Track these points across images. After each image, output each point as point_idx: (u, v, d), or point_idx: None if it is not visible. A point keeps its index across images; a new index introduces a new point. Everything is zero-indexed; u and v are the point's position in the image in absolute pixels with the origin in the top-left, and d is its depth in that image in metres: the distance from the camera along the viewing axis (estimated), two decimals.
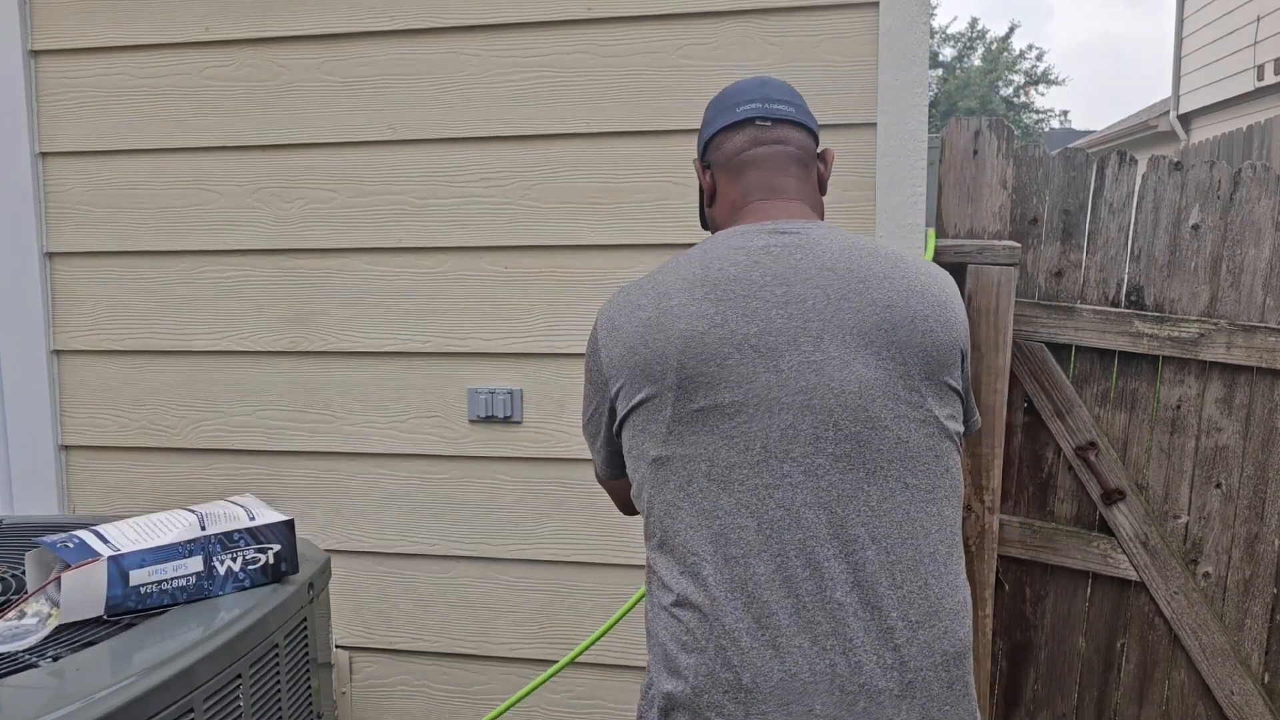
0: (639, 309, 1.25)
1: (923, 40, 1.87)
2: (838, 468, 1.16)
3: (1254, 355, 2.05)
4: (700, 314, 1.20)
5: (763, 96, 1.36)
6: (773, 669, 1.13)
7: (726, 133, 1.36)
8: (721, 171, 1.37)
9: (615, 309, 1.28)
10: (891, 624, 1.14)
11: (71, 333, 2.27)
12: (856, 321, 1.19)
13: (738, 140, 1.35)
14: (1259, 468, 2.09)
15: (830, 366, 1.17)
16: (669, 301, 1.23)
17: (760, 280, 1.21)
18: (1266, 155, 4.82)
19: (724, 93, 1.40)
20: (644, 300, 1.25)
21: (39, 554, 1.38)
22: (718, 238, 1.28)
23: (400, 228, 2.11)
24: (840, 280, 1.21)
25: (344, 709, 2.25)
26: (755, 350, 1.18)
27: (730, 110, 1.36)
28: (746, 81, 1.39)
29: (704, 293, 1.22)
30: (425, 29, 2.05)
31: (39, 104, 2.22)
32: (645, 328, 1.23)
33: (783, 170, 1.34)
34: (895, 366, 1.19)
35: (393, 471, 2.18)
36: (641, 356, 1.22)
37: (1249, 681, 2.11)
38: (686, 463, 1.19)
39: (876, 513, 1.16)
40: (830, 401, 1.17)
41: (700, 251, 1.27)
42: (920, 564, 1.17)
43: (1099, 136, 12.54)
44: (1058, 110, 31.39)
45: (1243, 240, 2.06)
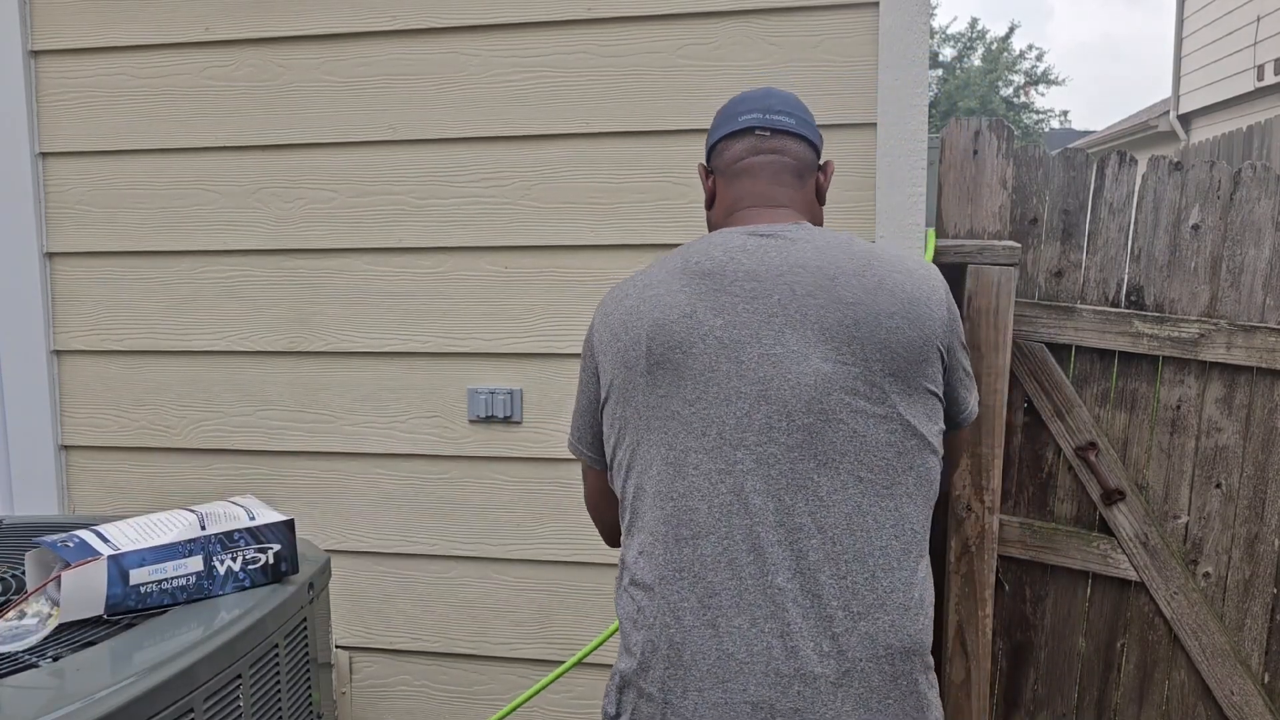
0: (625, 298, 1.33)
1: (923, 40, 1.87)
2: (789, 457, 1.19)
3: (1254, 355, 2.05)
4: (673, 304, 1.27)
5: (764, 107, 1.40)
6: (710, 647, 1.17)
7: (728, 140, 1.41)
8: (721, 177, 1.42)
9: (609, 298, 1.37)
10: (831, 613, 1.17)
11: (71, 333, 2.27)
12: (819, 317, 1.22)
13: (737, 148, 1.40)
14: (1259, 468, 2.09)
15: (789, 359, 1.21)
16: (649, 291, 1.30)
17: (733, 275, 1.26)
18: (1266, 155, 4.82)
19: (731, 101, 1.45)
20: (630, 290, 1.33)
21: (39, 554, 1.38)
22: (704, 239, 1.34)
23: (400, 228, 2.11)
24: (809, 277, 1.25)
25: (344, 709, 2.25)
26: (719, 342, 1.23)
27: (733, 119, 1.41)
28: (753, 91, 1.44)
29: (680, 284, 1.28)
30: (425, 29, 2.05)
31: (39, 104, 2.22)
32: (627, 314, 1.30)
33: (776, 179, 1.38)
34: (856, 362, 1.21)
35: (392, 471, 2.18)
36: (622, 342, 1.29)
37: (1249, 681, 2.11)
38: (651, 447, 1.25)
39: (825, 503, 1.19)
40: (785, 393, 1.21)
41: (685, 247, 1.34)
42: (868, 556, 1.19)
43: (1099, 136, 12.54)
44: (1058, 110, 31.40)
45: (1243, 240, 2.06)
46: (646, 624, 1.22)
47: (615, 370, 1.30)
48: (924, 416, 1.24)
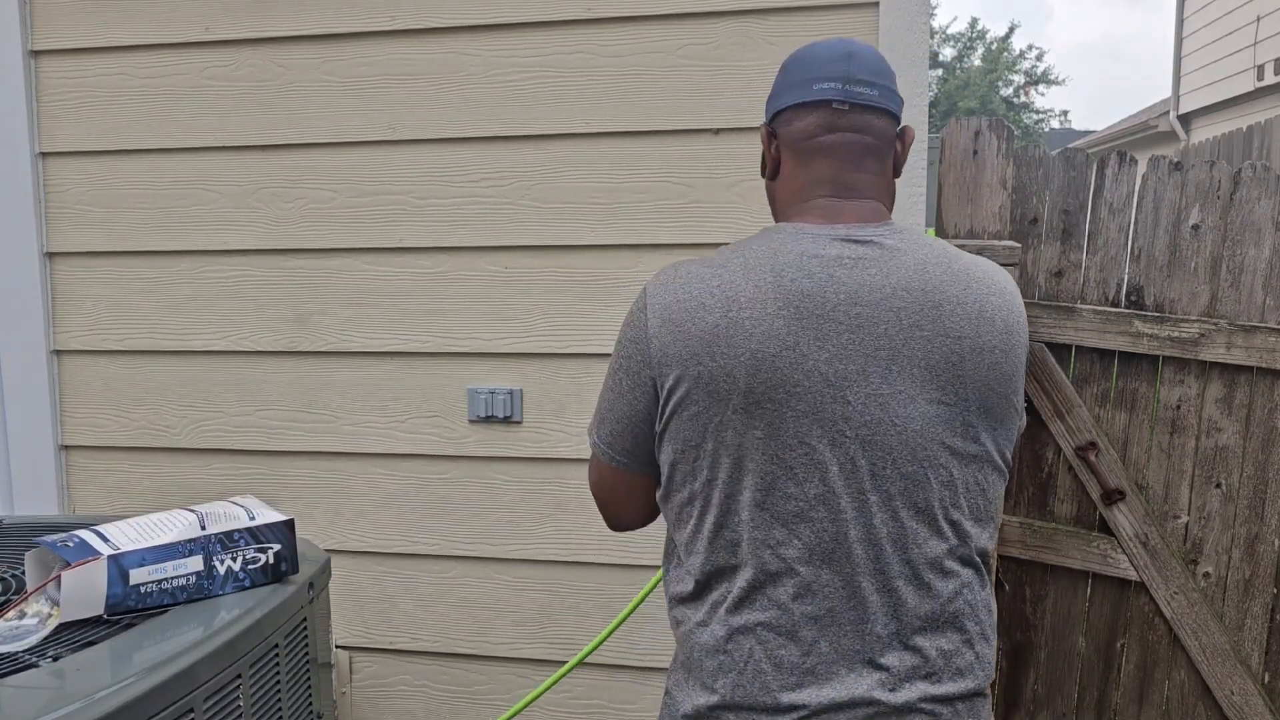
0: (704, 311, 1.16)
1: (923, 40, 1.87)
2: (890, 506, 1.15)
3: (1254, 355, 2.05)
4: (773, 333, 1.14)
5: (844, 75, 1.21)
6: (811, 696, 1.15)
7: (798, 110, 1.23)
8: (789, 150, 1.25)
9: (673, 299, 1.18)
10: (930, 658, 1.17)
11: (71, 333, 2.27)
12: (925, 354, 1.15)
13: (810, 122, 1.22)
14: (1259, 468, 2.09)
15: (895, 401, 1.14)
16: (739, 312, 1.15)
17: (834, 299, 1.15)
18: (1266, 155, 4.82)
19: (802, 58, 1.25)
20: (710, 301, 1.16)
21: (39, 553, 1.38)
22: (786, 238, 1.20)
23: (400, 228, 2.11)
24: (914, 303, 1.16)
25: (344, 709, 2.25)
26: (825, 379, 1.14)
27: (805, 86, 1.22)
28: (829, 47, 1.23)
29: (777, 307, 1.14)
30: (425, 29, 2.05)
31: (39, 104, 2.22)
32: (712, 336, 1.15)
33: (857, 164, 1.23)
34: (956, 403, 1.17)
35: (393, 471, 2.18)
36: (707, 368, 1.15)
37: (1249, 681, 2.11)
38: (746, 490, 1.16)
39: (921, 550, 1.17)
40: (892, 439, 1.14)
41: (770, 253, 1.18)
42: (949, 608, 1.19)
43: (1099, 136, 12.55)
44: (1058, 110, 31.41)
45: (1243, 240, 2.06)
46: (736, 667, 1.17)
47: (696, 396, 1.16)
48: (1006, 444, 1.22)
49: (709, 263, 1.21)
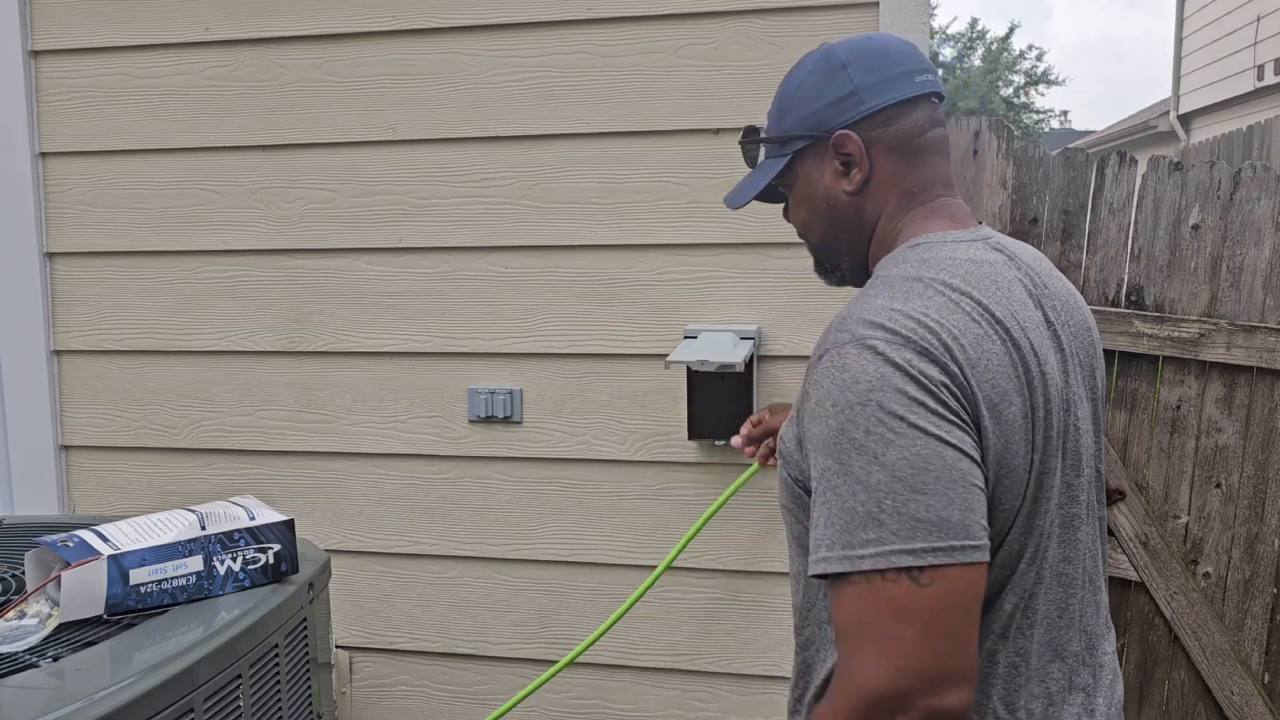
0: (987, 340, 0.97)
1: (923, 40, 1.87)
2: (1089, 519, 1.10)
3: (1254, 355, 2.05)
4: (1039, 347, 1.01)
5: (929, 67, 1.13)
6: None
7: (904, 106, 1.10)
8: (890, 153, 1.10)
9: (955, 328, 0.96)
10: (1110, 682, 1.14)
11: (71, 333, 2.27)
12: (1077, 348, 1.09)
13: (918, 118, 1.10)
14: (1259, 468, 2.09)
15: (1078, 407, 1.06)
16: (1010, 334, 0.98)
17: (1022, 305, 1.03)
18: (1266, 155, 4.82)
19: (878, 50, 1.12)
20: (983, 329, 0.97)
21: (39, 553, 1.38)
22: (956, 249, 1.05)
23: (400, 228, 2.11)
24: (1060, 303, 1.09)
25: (344, 709, 2.25)
26: (1060, 396, 1.03)
27: (907, 79, 1.10)
28: (891, 40, 1.14)
29: (1021, 328, 1.00)
30: (425, 29, 2.05)
31: (39, 104, 2.22)
32: (1009, 368, 0.97)
33: (949, 159, 1.15)
34: (1096, 396, 1.14)
35: (392, 471, 2.18)
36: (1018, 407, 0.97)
37: (1249, 681, 2.11)
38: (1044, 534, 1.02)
39: (1099, 560, 1.13)
40: (1080, 447, 1.07)
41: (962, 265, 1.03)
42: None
43: (1099, 136, 12.55)
44: (1058, 110, 31.42)
45: (1243, 240, 2.06)
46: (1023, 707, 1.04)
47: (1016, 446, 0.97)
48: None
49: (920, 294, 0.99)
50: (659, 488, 2.07)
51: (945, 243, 1.06)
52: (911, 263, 1.04)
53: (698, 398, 1.98)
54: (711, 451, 2.04)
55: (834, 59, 1.12)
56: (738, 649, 2.08)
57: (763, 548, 2.04)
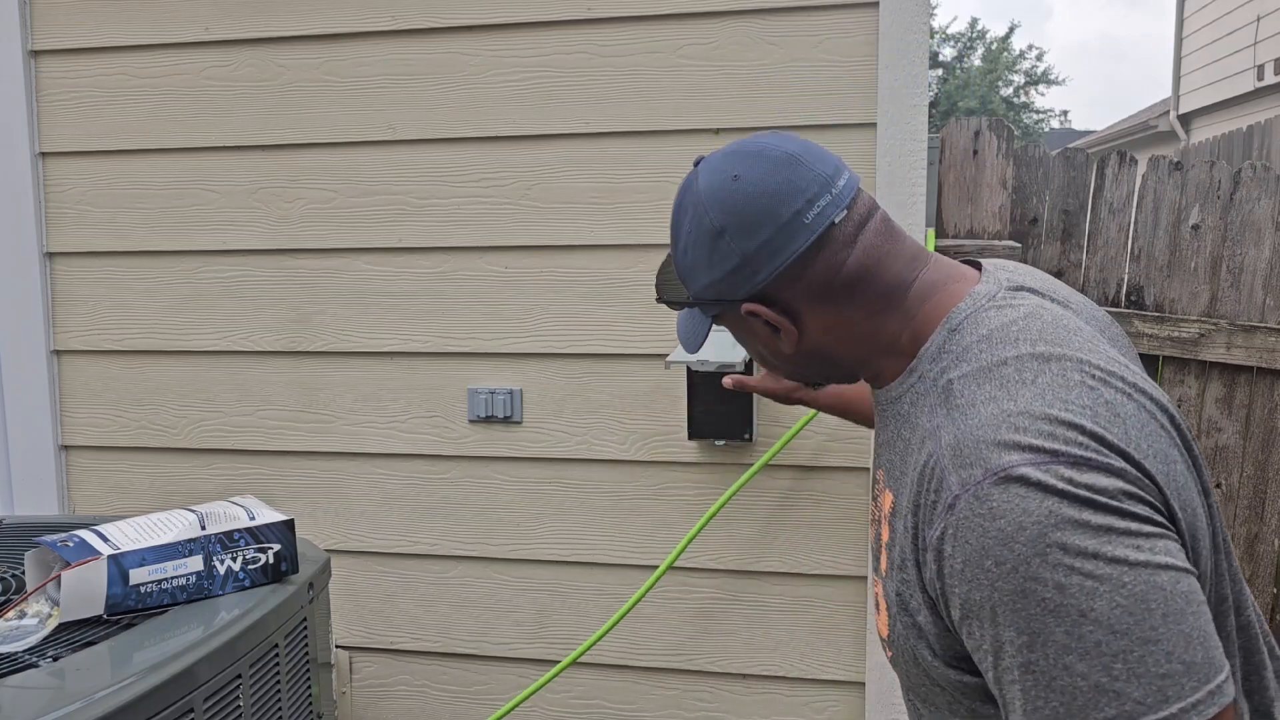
0: (1138, 413, 0.84)
1: (923, 40, 1.87)
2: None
3: (1254, 355, 2.05)
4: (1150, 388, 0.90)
5: (820, 184, 0.93)
6: None
7: (805, 256, 0.93)
8: (817, 303, 0.95)
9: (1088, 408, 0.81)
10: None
11: (71, 333, 2.27)
12: (1127, 350, 1.03)
13: (829, 256, 0.93)
14: (1259, 468, 2.09)
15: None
16: (1127, 380, 0.87)
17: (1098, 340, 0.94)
18: (1266, 155, 4.82)
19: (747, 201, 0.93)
20: (1110, 396, 0.83)
21: (39, 553, 1.38)
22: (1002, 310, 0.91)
23: (400, 228, 2.11)
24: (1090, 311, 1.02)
25: (344, 709, 2.25)
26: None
27: (796, 224, 0.92)
28: (766, 173, 0.93)
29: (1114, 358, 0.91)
30: (425, 29, 2.05)
31: (39, 104, 2.22)
32: (1151, 424, 0.85)
33: (897, 237, 0.97)
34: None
35: (393, 471, 2.18)
36: (1180, 465, 0.85)
37: None
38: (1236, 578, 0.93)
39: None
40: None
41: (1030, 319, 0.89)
42: None
43: (1099, 136, 12.55)
44: (1058, 110, 31.43)
45: (1243, 240, 2.06)
46: None
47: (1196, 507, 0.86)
48: None
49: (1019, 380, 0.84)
50: (659, 488, 2.07)
51: (985, 308, 0.91)
52: (976, 347, 0.88)
53: (698, 398, 1.98)
54: (711, 451, 2.04)
55: (705, 224, 0.95)
56: (738, 649, 2.08)
57: (763, 548, 2.04)
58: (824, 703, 2.05)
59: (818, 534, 2.02)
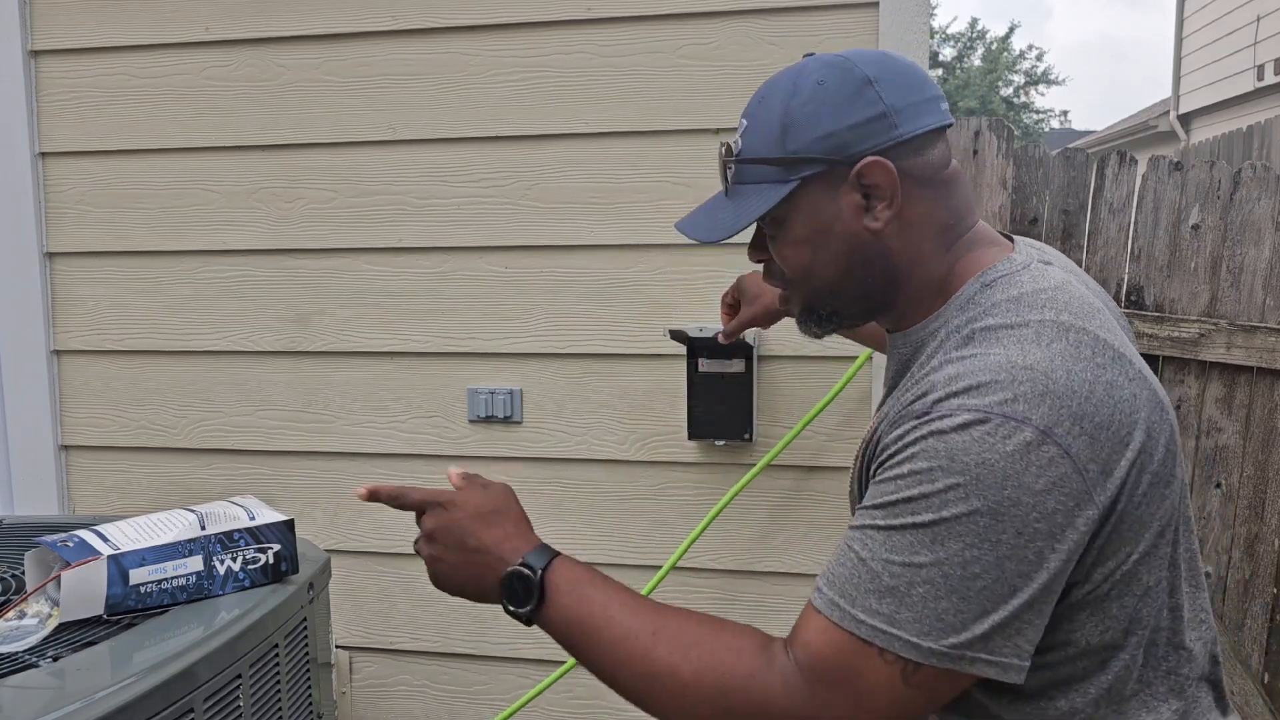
0: (1117, 389, 0.86)
1: (923, 40, 1.87)
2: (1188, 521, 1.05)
3: (1254, 355, 2.05)
4: (1149, 373, 0.93)
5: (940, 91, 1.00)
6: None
7: (934, 135, 0.97)
8: (921, 187, 0.96)
9: (1079, 401, 0.84)
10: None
11: (71, 333, 2.27)
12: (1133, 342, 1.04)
13: (944, 150, 0.99)
14: (1259, 468, 2.09)
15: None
16: (1133, 366, 0.90)
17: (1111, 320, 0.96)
18: (1266, 155, 4.82)
19: (902, 68, 0.97)
20: (1112, 376, 0.86)
21: (39, 553, 1.38)
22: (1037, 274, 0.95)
23: (400, 228, 2.11)
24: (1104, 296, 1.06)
25: (344, 709, 2.25)
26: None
27: (935, 105, 0.97)
28: (904, 59, 1.00)
29: (1126, 342, 0.94)
30: (425, 29, 2.05)
31: (39, 104, 2.22)
32: (1149, 413, 0.88)
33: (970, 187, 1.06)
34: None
35: (393, 471, 2.18)
36: (1147, 454, 0.87)
37: (1249, 681, 2.11)
38: (1180, 565, 0.94)
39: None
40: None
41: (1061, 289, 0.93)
42: None
43: (1099, 136, 12.55)
44: (1058, 110, 31.44)
45: (1243, 240, 2.06)
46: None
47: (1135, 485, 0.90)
48: None
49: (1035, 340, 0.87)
50: (659, 488, 2.07)
51: (1019, 272, 0.95)
52: (1005, 305, 0.92)
53: (698, 398, 1.98)
54: (711, 451, 2.04)
55: (856, 72, 0.95)
56: None
57: (763, 548, 2.04)
58: None
59: (818, 534, 2.02)
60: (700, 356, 1.97)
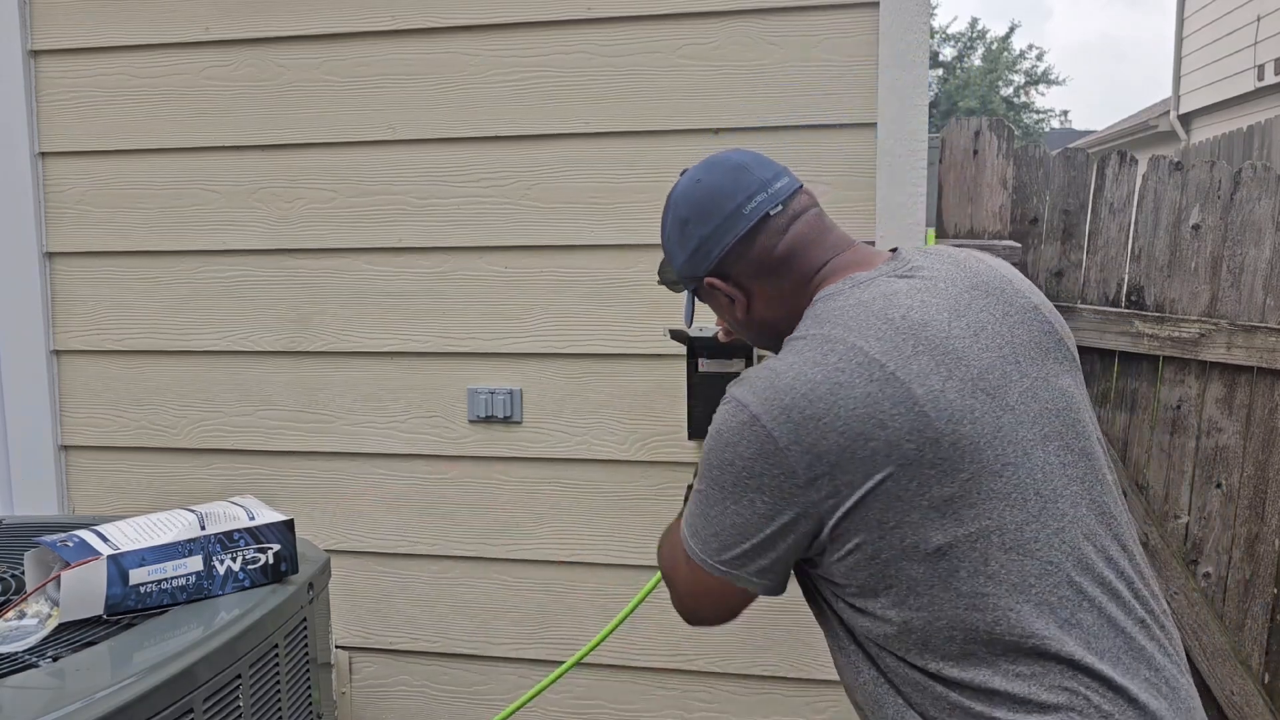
0: (844, 388, 1.05)
1: (923, 40, 1.86)
2: (1085, 490, 1.11)
3: (1254, 355, 2.05)
4: (927, 370, 1.06)
5: (758, 184, 1.20)
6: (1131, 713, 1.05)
7: (746, 239, 1.20)
8: (757, 276, 1.21)
9: (790, 398, 1.07)
10: (1164, 622, 1.13)
11: (71, 333, 2.27)
12: (1028, 334, 1.15)
13: (765, 240, 1.19)
14: (1259, 468, 2.09)
15: (1039, 388, 1.12)
16: (884, 369, 1.06)
17: (941, 318, 1.10)
18: (1266, 155, 4.82)
19: (705, 196, 1.22)
20: (844, 378, 1.06)
21: (39, 553, 1.38)
22: (854, 291, 1.14)
23: (400, 228, 2.11)
24: (989, 297, 1.15)
25: (344, 709, 2.25)
26: (987, 394, 1.08)
27: (737, 216, 1.19)
28: (719, 175, 1.23)
29: (912, 346, 1.07)
30: (425, 29, 2.05)
31: (39, 104, 2.22)
32: (871, 407, 1.05)
33: (825, 230, 1.22)
34: (1070, 365, 1.17)
35: (392, 471, 2.18)
36: (881, 440, 1.04)
37: (1249, 681, 2.11)
38: (976, 540, 1.05)
39: (1116, 520, 1.13)
40: (1055, 424, 1.11)
41: (857, 306, 1.11)
42: (1141, 554, 1.17)
43: (1099, 136, 12.54)
44: (1058, 110, 31.42)
45: (1243, 240, 2.06)
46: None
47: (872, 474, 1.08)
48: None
49: (795, 351, 1.11)
50: (659, 488, 2.07)
51: (838, 294, 1.14)
52: (807, 321, 1.16)
53: (698, 398, 1.98)
54: None
55: (677, 216, 1.25)
56: (738, 649, 2.08)
57: None
58: (824, 703, 2.05)
59: None
60: (700, 356, 1.97)
